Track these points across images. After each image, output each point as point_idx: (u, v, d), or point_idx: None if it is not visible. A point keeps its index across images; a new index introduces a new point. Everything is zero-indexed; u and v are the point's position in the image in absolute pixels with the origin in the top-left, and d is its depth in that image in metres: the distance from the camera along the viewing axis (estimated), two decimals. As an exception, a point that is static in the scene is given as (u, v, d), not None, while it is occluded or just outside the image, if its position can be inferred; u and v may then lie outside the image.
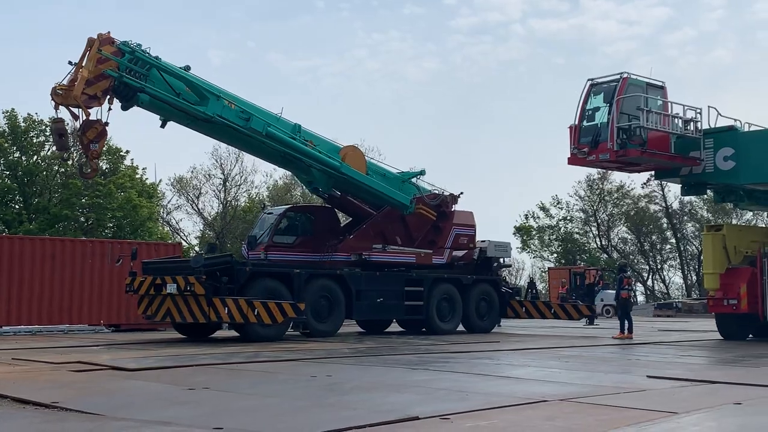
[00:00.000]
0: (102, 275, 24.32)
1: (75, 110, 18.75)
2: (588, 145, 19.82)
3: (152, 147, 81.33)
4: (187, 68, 20.05)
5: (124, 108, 19.45)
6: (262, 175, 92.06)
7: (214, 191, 56.32)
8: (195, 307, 18.51)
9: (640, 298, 59.83)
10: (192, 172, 56.66)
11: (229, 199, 56.19)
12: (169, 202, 57.27)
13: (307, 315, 19.84)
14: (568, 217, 70.27)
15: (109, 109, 19.02)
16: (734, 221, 54.68)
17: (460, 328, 23.80)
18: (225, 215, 55.30)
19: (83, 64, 18.61)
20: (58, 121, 18.98)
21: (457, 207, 24.47)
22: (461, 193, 24.54)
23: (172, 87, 19.55)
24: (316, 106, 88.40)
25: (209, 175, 55.82)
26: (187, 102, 19.65)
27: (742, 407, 8.71)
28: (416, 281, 22.58)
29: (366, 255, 21.98)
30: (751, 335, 21.69)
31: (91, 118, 18.85)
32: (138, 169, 45.68)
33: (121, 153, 45.15)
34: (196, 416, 7.90)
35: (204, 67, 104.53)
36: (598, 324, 31.31)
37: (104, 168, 44.20)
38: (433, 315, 22.81)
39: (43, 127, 42.82)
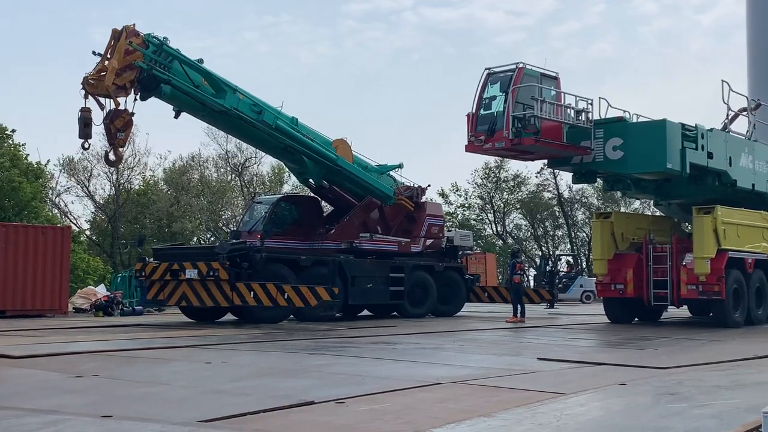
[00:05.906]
0: (-15, 259, 23.31)
1: (102, 100, 19.19)
2: (485, 133, 20.13)
3: (40, 125, 78.04)
4: (201, 61, 20.51)
5: (143, 98, 19.80)
6: (156, 158, 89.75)
7: (105, 173, 54.51)
8: (216, 291, 19.26)
9: (533, 283, 61.48)
10: (82, 153, 54.49)
11: (122, 181, 54.51)
12: (57, 184, 55.17)
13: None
14: (467, 204, 71.48)
15: (135, 99, 19.59)
16: (623, 209, 56.61)
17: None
18: (118, 198, 53.70)
19: (109, 55, 19.03)
20: (86, 111, 19.09)
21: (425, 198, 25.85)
22: (428, 185, 26.13)
23: (192, 79, 20.01)
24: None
25: (100, 157, 53.90)
26: (205, 94, 20.14)
27: (627, 388, 9.07)
28: (399, 268, 23.66)
29: (357, 243, 22.92)
30: (636, 318, 22.52)
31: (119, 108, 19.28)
32: (20, 146, 43.22)
33: (6, 132, 42.94)
34: (84, 404, 7.69)
35: (87, 46, 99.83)
36: (558, 308, 31.99)
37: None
38: (404, 300, 23.82)
39: None
